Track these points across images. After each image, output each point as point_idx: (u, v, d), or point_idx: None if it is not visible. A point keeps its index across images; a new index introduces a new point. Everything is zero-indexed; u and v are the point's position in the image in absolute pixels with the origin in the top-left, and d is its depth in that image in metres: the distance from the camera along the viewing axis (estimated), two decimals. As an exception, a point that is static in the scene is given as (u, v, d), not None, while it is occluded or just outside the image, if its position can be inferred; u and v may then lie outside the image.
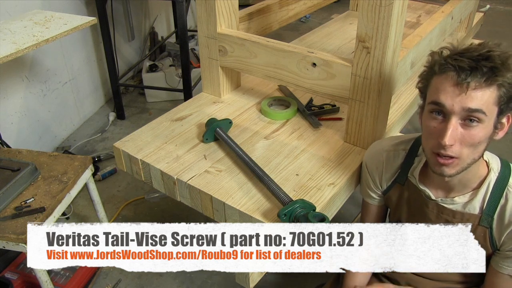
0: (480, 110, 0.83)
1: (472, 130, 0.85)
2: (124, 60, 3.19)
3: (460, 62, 0.83)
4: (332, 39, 2.04)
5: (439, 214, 1.01)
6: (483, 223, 0.96)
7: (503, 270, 0.98)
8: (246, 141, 1.31)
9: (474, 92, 0.82)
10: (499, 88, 0.83)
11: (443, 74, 0.86)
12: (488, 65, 0.82)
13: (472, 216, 0.97)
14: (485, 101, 0.83)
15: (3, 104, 2.14)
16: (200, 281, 1.78)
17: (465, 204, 0.98)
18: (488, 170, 0.97)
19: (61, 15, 1.88)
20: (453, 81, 0.84)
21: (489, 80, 0.82)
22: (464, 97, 0.82)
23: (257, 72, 1.39)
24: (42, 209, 1.35)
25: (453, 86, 0.84)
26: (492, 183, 0.95)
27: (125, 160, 1.30)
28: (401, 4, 1.07)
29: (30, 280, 1.63)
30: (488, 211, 0.95)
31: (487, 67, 0.82)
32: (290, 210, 0.96)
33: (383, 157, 1.11)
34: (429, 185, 1.02)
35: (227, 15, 1.41)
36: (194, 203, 1.17)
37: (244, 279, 0.93)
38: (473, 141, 0.85)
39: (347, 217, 2.02)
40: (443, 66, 0.86)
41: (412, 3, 2.40)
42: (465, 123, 0.85)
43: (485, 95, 0.83)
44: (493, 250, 0.99)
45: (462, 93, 0.83)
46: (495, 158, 0.99)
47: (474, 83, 0.82)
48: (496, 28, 4.13)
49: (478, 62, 0.82)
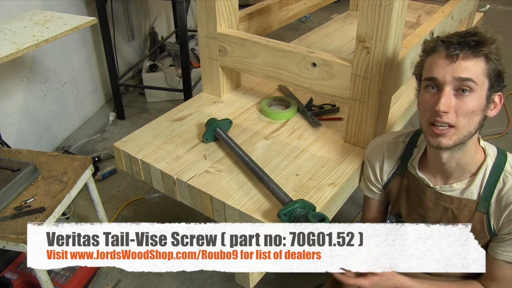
0: (470, 79, 0.88)
1: (465, 98, 0.89)
2: (124, 60, 3.19)
3: (449, 39, 0.90)
4: (332, 39, 2.04)
5: (437, 201, 1.03)
6: (480, 209, 0.98)
7: (498, 256, 0.99)
8: (246, 141, 1.31)
9: (463, 62, 0.88)
10: (487, 61, 0.89)
11: (434, 53, 0.92)
12: (475, 39, 0.89)
13: (470, 201, 0.99)
14: (475, 71, 0.88)
15: (3, 104, 2.14)
16: (200, 281, 1.78)
17: (463, 190, 0.99)
18: (485, 156, 0.99)
19: (61, 15, 1.88)
20: (444, 55, 0.90)
21: (476, 51, 0.88)
22: (454, 67, 0.88)
23: (257, 72, 1.39)
24: (42, 209, 1.35)
25: (443, 59, 0.90)
26: (489, 168, 0.98)
27: (125, 160, 1.30)
28: (401, 4, 1.07)
29: (30, 280, 1.63)
30: (485, 196, 0.97)
31: (474, 41, 0.88)
32: (290, 210, 0.96)
33: (384, 149, 1.14)
34: (428, 173, 1.04)
35: (227, 15, 1.41)
36: (194, 203, 1.17)
37: (244, 279, 0.93)
38: (467, 109, 0.89)
39: (347, 217, 2.02)
40: (434, 45, 0.93)
41: (412, 3, 2.40)
42: (458, 93, 0.89)
43: (475, 65, 0.88)
44: (490, 236, 1.00)
45: (452, 63, 0.88)
46: (492, 146, 1.02)
47: (463, 54, 0.88)
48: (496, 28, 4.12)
49: (466, 37, 0.89)
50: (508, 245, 0.97)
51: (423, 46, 0.97)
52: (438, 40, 0.92)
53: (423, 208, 1.06)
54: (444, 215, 1.03)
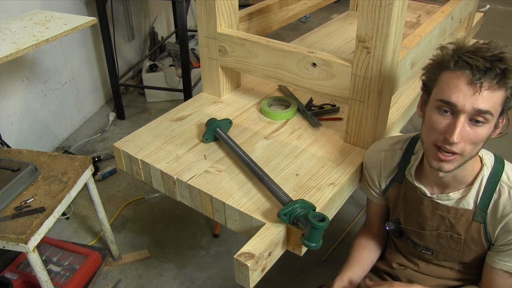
0: (489, 111, 0.83)
1: (478, 129, 0.85)
2: (124, 60, 3.19)
3: (475, 61, 0.82)
4: (332, 39, 2.04)
5: (434, 210, 1.02)
6: (477, 218, 0.98)
7: (496, 265, 0.99)
8: (246, 141, 1.31)
9: (486, 93, 0.82)
10: (507, 90, 0.84)
11: (457, 71, 0.85)
12: (501, 66, 0.82)
13: (466, 211, 0.98)
14: (494, 102, 0.83)
15: (3, 104, 2.14)
16: (200, 281, 1.78)
17: (459, 200, 0.99)
18: (482, 166, 0.98)
19: (61, 15, 1.88)
20: (467, 80, 0.83)
21: (501, 81, 0.82)
22: (476, 97, 0.82)
23: (257, 72, 1.39)
24: (42, 209, 1.35)
25: (467, 85, 0.83)
26: (486, 178, 0.97)
27: (125, 160, 1.30)
28: (401, 4, 1.07)
29: (30, 280, 1.63)
30: (481, 206, 0.97)
31: (500, 68, 0.82)
32: (290, 210, 0.96)
33: (381, 157, 1.13)
34: (425, 182, 1.03)
35: (227, 15, 1.41)
36: (194, 203, 1.17)
37: (244, 279, 0.93)
38: (477, 139, 0.86)
39: (347, 217, 2.02)
40: (458, 63, 0.85)
41: (412, 3, 2.40)
42: (472, 122, 0.85)
43: (495, 96, 0.83)
44: (488, 245, 1.00)
45: (475, 92, 0.82)
46: (489, 154, 1.01)
47: (487, 83, 0.82)
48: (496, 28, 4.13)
49: (492, 62, 0.82)
50: (505, 255, 0.97)
51: (442, 54, 0.89)
52: (462, 57, 0.84)
53: (421, 217, 1.05)
54: (441, 224, 1.03)
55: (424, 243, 1.08)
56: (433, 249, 1.07)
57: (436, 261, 1.10)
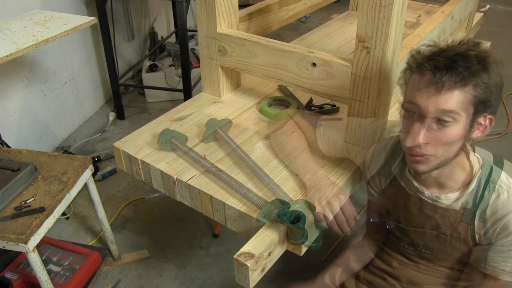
0: (454, 111, 0.83)
1: (446, 129, 0.85)
2: (124, 60, 3.19)
3: (436, 62, 0.82)
4: (332, 39, 2.04)
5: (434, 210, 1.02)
6: (476, 218, 0.98)
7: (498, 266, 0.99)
8: (246, 141, 1.31)
9: (449, 92, 0.82)
10: (475, 88, 0.82)
11: (420, 74, 0.85)
12: (463, 65, 0.81)
13: (465, 211, 0.98)
14: (460, 101, 0.82)
15: (3, 104, 2.14)
16: (200, 281, 1.78)
17: (456, 200, 0.99)
18: (480, 166, 0.98)
19: (61, 15, 1.88)
20: (428, 81, 0.83)
21: (464, 80, 0.81)
22: (438, 98, 0.82)
23: (257, 72, 1.39)
24: (42, 209, 1.35)
25: (428, 86, 0.83)
26: (484, 179, 0.97)
27: (125, 160, 1.30)
28: (401, 4, 1.07)
29: (30, 280, 1.63)
30: (480, 206, 0.97)
31: (462, 67, 0.81)
32: (290, 210, 0.96)
33: (382, 157, 1.13)
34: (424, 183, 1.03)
35: (227, 15, 1.41)
36: (194, 203, 1.17)
37: (244, 279, 0.93)
38: (446, 140, 0.86)
39: (347, 217, 2.02)
40: (420, 65, 0.85)
41: (412, 3, 2.40)
42: (439, 123, 0.85)
43: (460, 95, 0.82)
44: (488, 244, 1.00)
45: (436, 93, 0.82)
46: (488, 154, 1.01)
47: (449, 83, 0.81)
48: (496, 28, 4.13)
49: (454, 62, 0.82)
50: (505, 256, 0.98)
51: (411, 59, 0.90)
52: (425, 60, 0.85)
53: (421, 216, 1.05)
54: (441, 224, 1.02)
55: (424, 242, 1.08)
56: (433, 248, 1.08)
57: (436, 260, 1.10)
